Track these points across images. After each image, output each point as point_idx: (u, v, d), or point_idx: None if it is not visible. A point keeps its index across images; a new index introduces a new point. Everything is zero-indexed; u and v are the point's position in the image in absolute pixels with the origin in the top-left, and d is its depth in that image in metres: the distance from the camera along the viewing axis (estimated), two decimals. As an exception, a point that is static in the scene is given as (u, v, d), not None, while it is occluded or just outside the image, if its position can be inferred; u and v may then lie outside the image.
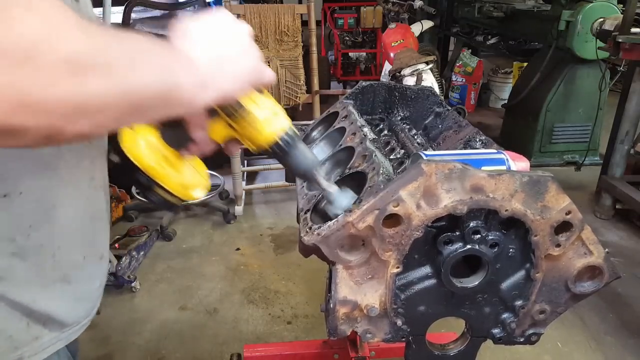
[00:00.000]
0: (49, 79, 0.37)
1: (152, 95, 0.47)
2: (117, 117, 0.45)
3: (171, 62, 0.51)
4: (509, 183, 0.80)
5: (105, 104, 0.42)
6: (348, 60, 6.28)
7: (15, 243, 0.59)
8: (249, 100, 0.67)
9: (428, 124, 1.37)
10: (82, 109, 0.41)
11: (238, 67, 0.60)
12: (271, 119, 0.69)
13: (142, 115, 0.49)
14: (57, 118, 0.40)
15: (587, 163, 3.88)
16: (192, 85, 0.53)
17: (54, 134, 0.41)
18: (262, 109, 0.68)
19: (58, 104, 0.39)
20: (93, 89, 0.41)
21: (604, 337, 2.22)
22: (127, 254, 2.54)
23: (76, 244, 0.67)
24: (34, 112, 0.38)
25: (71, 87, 0.39)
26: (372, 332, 0.94)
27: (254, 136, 0.69)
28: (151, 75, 0.47)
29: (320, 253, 0.83)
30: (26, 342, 0.63)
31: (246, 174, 3.67)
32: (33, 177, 0.59)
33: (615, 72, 3.58)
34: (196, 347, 2.16)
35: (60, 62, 0.38)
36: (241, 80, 0.61)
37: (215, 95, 0.57)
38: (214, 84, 0.56)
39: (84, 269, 0.70)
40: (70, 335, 0.68)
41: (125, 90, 0.44)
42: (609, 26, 3.15)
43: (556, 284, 0.91)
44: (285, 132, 0.71)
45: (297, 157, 0.74)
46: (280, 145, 0.71)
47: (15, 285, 0.60)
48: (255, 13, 3.21)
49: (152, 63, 0.48)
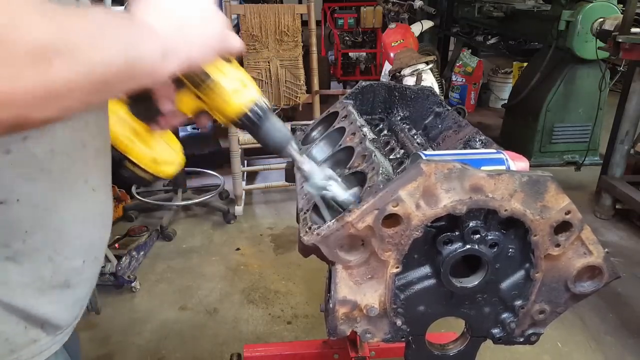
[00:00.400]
0: (12, 71, 0.36)
1: (117, 70, 0.46)
2: (84, 98, 0.44)
3: (132, 33, 0.50)
4: (509, 183, 0.80)
5: (71, 88, 0.41)
6: (348, 60, 6.28)
7: (10, 248, 0.58)
8: (216, 70, 0.65)
9: (428, 124, 1.37)
10: (48, 96, 0.40)
11: (202, 33, 0.59)
12: (240, 90, 0.67)
13: (108, 92, 0.48)
14: (23, 108, 0.39)
15: (587, 163, 3.88)
16: (155, 55, 0.51)
17: (21, 123, 0.40)
18: (230, 79, 0.66)
19: (24, 95, 0.38)
20: (58, 75, 0.40)
21: (604, 337, 2.22)
22: (127, 254, 2.54)
23: (75, 248, 0.66)
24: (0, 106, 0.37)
25: (36, 77, 0.38)
26: (372, 332, 0.94)
27: (223, 107, 0.67)
28: (114, 51, 0.46)
29: (319, 253, 0.83)
30: (23, 345, 0.62)
31: (246, 174, 3.67)
32: (27, 183, 0.58)
33: (615, 72, 3.58)
34: (196, 347, 2.16)
35: (22, 53, 0.37)
36: (206, 46, 0.59)
37: (180, 63, 0.56)
38: (178, 52, 0.55)
39: (83, 273, 0.69)
40: (63, 337, 0.68)
41: (90, 70, 0.43)
42: (609, 26, 3.15)
43: (556, 284, 0.91)
44: (254, 103, 0.68)
45: (268, 130, 0.72)
46: (249, 117, 0.69)
47: (11, 289, 0.59)
48: (255, 13, 3.21)
49: (114, 37, 0.46)
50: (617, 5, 3.57)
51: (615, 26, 3.03)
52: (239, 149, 3.20)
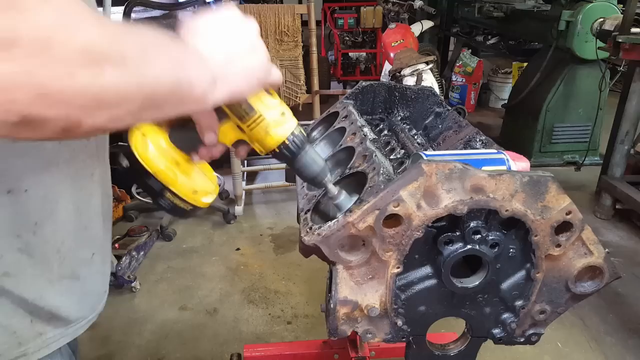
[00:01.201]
0: (65, 69, 0.37)
1: (166, 89, 0.47)
2: (133, 110, 0.45)
3: (183, 56, 0.51)
4: (509, 183, 0.80)
5: (121, 96, 0.43)
6: (348, 60, 6.28)
7: (21, 239, 0.59)
8: (258, 101, 0.66)
9: (428, 124, 1.37)
10: (99, 101, 0.41)
11: (247, 64, 0.60)
12: (280, 121, 0.68)
13: (155, 110, 0.49)
14: (75, 109, 0.40)
15: (587, 163, 3.88)
16: (204, 81, 0.53)
17: (72, 126, 0.41)
18: (271, 111, 0.67)
19: (75, 95, 0.39)
20: (109, 81, 0.41)
21: (604, 337, 2.22)
22: (127, 254, 2.54)
23: (83, 241, 0.68)
24: (52, 103, 0.38)
25: (88, 78, 0.39)
26: (373, 332, 0.93)
27: (263, 138, 0.69)
28: (164, 69, 0.47)
29: (320, 253, 0.83)
30: (30, 339, 0.63)
31: (246, 174, 3.67)
32: (35, 173, 0.59)
33: (615, 72, 3.58)
34: (196, 347, 2.16)
35: (76, 53, 0.38)
36: (251, 77, 0.61)
37: (226, 92, 0.57)
38: (225, 81, 0.56)
39: (92, 266, 0.70)
40: (76, 330, 0.69)
41: (140, 82, 0.44)
42: (609, 26, 3.15)
43: (556, 284, 0.91)
44: (292, 133, 0.70)
45: (305, 160, 0.73)
46: (289, 148, 0.70)
47: (22, 281, 0.61)
48: (255, 13, 3.21)
49: (165, 56, 0.48)
50: (617, 5, 3.57)
51: (615, 26, 3.03)
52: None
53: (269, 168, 3.57)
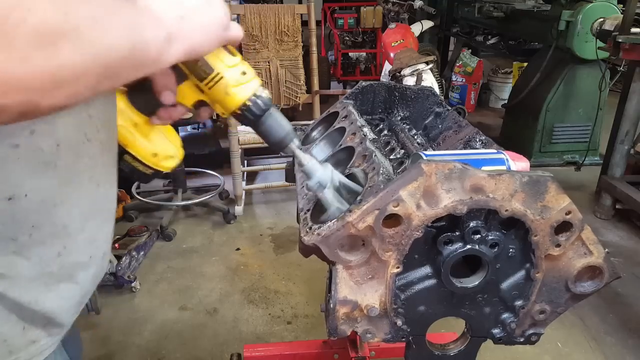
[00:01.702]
0: (20, 53, 0.36)
1: (122, 55, 0.46)
2: (91, 83, 0.43)
3: (136, 18, 0.49)
4: (509, 183, 0.80)
5: (78, 72, 0.41)
6: (348, 60, 6.28)
7: (17, 242, 0.58)
8: (216, 59, 0.64)
9: (428, 124, 1.37)
10: (57, 81, 0.40)
11: (203, 19, 0.58)
12: (240, 80, 0.65)
13: (114, 78, 0.47)
14: (33, 93, 0.39)
15: (587, 163, 3.88)
16: (160, 41, 0.51)
17: (30, 110, 0.40)
18: (232, 70, 0.65)
19: (33, 78, 0.38)
20: (65, 58, 0.39)
21: (604, 337, 2.22)
22: (127, 254, 2.54)
23: (81, 244, 0.67)
24: (9, 90, 0.37)
25: (44, 60, 0.38)
26: (372, 332, 0.94)
27: (223, 99, 0.66)
28: (119, 35, 0.45)
29: (320, 253, 0.83)
30: (22, 347, 0.62)
31: (246, 174, 3.67)
32: (35, 177, 0.58)
33: (615, 72, 3.57)
34: (196, 347, 2.16)
35: (30, 35, 0.36)
36: (208, 33, 0.59)
37: (182, 50, 0.55)
38: (180, 38, 0.54)
39: (89, 269, 0.69)
40: (62, 335, 0.68)
41: (96, 53, 0.42)
42: (609, 26, 3.15)
43: (556, 284, 0.91)
44: (255, 94, 0.67)
45: (270, 124, 0.70)
46: (250, 109, 0.67)
47: (17, 283, 0.59)
48: (255, 13, 3.21)
49: (118, 22, 0.46)
50: (617, 5, 3.57)
51: (615, 26, 3.03)
52: (239, 149, 3.20)
53: (269, 168, 3.57)
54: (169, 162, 0.70)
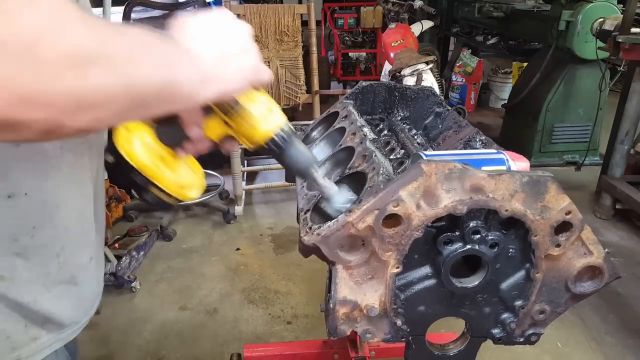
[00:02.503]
0: (50, 72, 0.37)
1: (154, 89, 0.47)
2: (118, 111, 0.44)
3: (173, 56, 0.51)
4: (509, 183, 0.80)
5: (106, 98, 0.42)
6: (348, 60, 6.28)
7: (18, 243, 0.59)
8: (245, 97, 0.66)
9: (428, 124, 1.37)
10: (83, 103, 0.40)
11: (238, 64, 0.60)
12: (267, 116, 0.68)
13: (142, 110, 0.48)
14: (58, 112, 0.39)
15: (587, 163, 3.88)
16: (194, 81, 0.52)
17: (54, 129, 0.40)
18: (258, 106, 0.67)
19: (59, 98, 0.38)
20: (94, 83, 0.40)
21: (604, 337, 2.22)
22: (127, 254, 2.54)
23: (80, 245, 0.67)
24: (35, 106, 0.37)
25: (72, 81, 0.38)
26: (372, 332, 0.93)
27: (250, 133, 0.69)
28: (153, 69, 0.46)
29: (320, 253, 0.83)
30: (24, 343, 0.62)
31: (246, 174, 3.67)
32: (36, 177, 0.59)
33: (615, 72, 3.58)
34: (196, 347, 2.16)
35: (61, 55, 0.37)
36: (240, 78, 0.61)
37: (216, 92, 0.56)
38: (215, 81, 0.56)
39: (89, 270, 0.70)
40: (69, 335, 0.68)
41: (127, 83, 0.43)
42: (609, 26, 3.15)
43: (556, 284, 0.91)
44: (280, 128, 0.70)
45: (293, 154, 0.73)
46: (276, 142, 0.70)
47: (16, 284, 0.60)
48: (255, 13, 3.21)
49: (154, 56, 0.47)
50: (617, 5, 3.57)
51: (615, 26, 3.03)
52: (239, 149, 3.20)
53: (269, 168, 3.57)
54: (192, 192, 0.72)
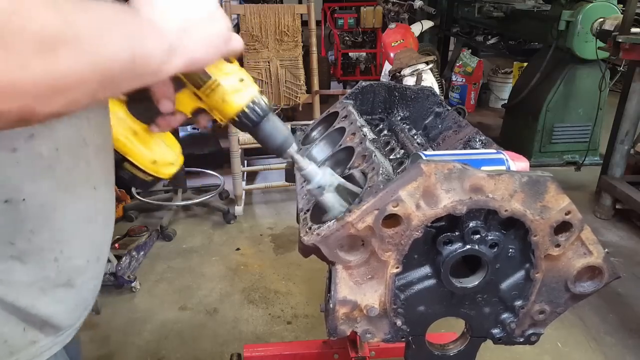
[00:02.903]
0: (19, 59, 0.36)
1: (122, 64, 0.46)
2: (90, 92, 0.43)
3: (138, 29, 0.50)
4: (509, 183, 0.80)
5: (77, 80, 0.41)
6: (348, 60, 6.28)
7: (15, 247, 0.58)
8: (216, 69, 0.64)
9: (428, 124, 1.37)
10: (55, 88, 0.39)
11: (206, 33, 0.58)
12: (238, 88, 0.66)
13: (113, 88, 0.47)
14: (30, 99, 0.38)
15: (587, 163, 3.88)
16: (161, 53, 0.51)
17: (27, 116, 0.39)
18: (229, 78, 0.65)
19: (31, 85, 0.37)
20: (65, 66, 0.39)
21: (604, 337, 2.22)
22: (127, 254, 2.54)
23: (78, 248, 0.66)
24: (6, 96, 0.36)
25: (43, 66, 0.37)
26: (372, 332, 0.94)
27: (221, 106, 0.66)
28: (120, 44, 0.45)
29: (319, 253, 0.83)
30: (22, 347, 0.62)
31: (246, 174, 3.67)
32: (33, 182, 0.58)
33: (615, 72, 3.57)
34: (196, 347, 2.16)
35: (29, 41, 0.36)
36: (209, 47, 0.59)
37: (184, 62, 0.55)
38: (182, 51, 0.54)
39: (86, 273, 0.69)
40: (65, 338, 0.68)
41: (96, 62, 0.42)
42: (609, 26, 3.15)
43: (556, 284, 0.91)
44: (252, 101, 0.67)
45: (268, 130, 0.70)
46: (248, 116, 0.67)
47: (14, 288, 0.59)
48: (255, 13, 3.21)
49: (120, 31, 0.46)
50: (617, 5, 3.57)
51: (615, 26, 3.03)
52: (239, 149, 3.20)
53: (269, 168, 3.57)
54: (168, 168, 0.70)
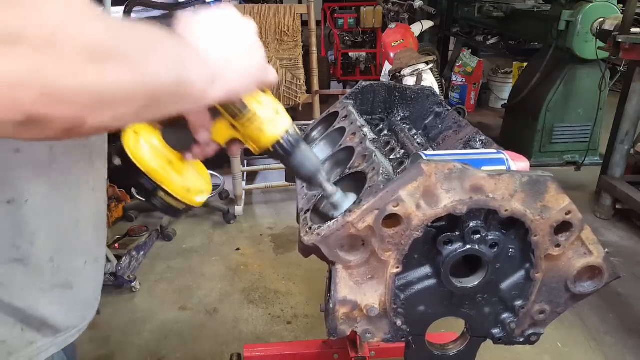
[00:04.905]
0: (70, 66, 0.37)
1: (167, 86, 0.47)
2: (136, 109, 0.44)
3: (183, 54, 0.51)
4: (509, 183, 0.80)
5: (125, 94, 0.42)
6: (348, 60, 6.28)
7: (19, 250, 0.58)
8: (252, 100, 0.66)
9: (428, 124, 1.37)
10: (103, 100, 0.40)
11: (245, 64, 0.60)
12: (274, 119, 0.68)
13: (157, 109, 0.48)
14: (80, 108, 0.39)
15: (587, 163, 3.87)
16: (203, 79, 0.52)
17: (76, 126, 0.40)
18: (265, 109, 0.67)
19: (80, 93, 0.38)
20: (113, 79, 0.40)
21: (604, 337, 2.22)
22: (127, 254, 2.54)
23: (76, 249, 0.66)
24: (57, 102, 0.37)
25: (93, 77, 0.39)
26: (372, 332, 0.93)
27: (257, 137, 0.68)
28: (166, 66, 0.46)
29: (320, 253, 0.83)
30: (20, 348, 0.62)
31: (246, 174, 3.67)
32: (36, 183, 0.58)
33: (615, 72, 3.57)
34: (196, 347, 2.16)
35: (81, 50, 0.37)
36: (248, 77, 0.60)
37: (223, 92, 0.56)
38: (222, 80, 0.55)
39: (83, 274, 0.69)
40: (66, 339, 0.68)
41: (142, 80, 0.43)
42: (609, 26, 3.15)
43: (556, 284, 0.91)
44: (287, 131, 0.69)
45: (300, 158, 0.73)
46: (282, 146, 0.70)
47: (14, 289, 0.59)
48: (255, 13, 3.21)
49: (167, 53, 0.47)
50: (617, 5, 3.57)
51: (615, 26, 3.03)
52: (239, 149, 3.19)
53: (269, 168, 3.57)
54: (200, 197, 0.71)
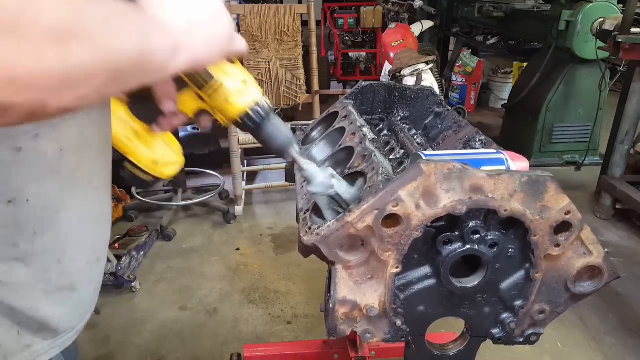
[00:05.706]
0: (34, 50, 0.36)
1: (130, 60, 0.46)
2: (99, 87, 0.43)
3: (145, 25, 0.50)
4: (509, 183, 0.80)
5: (88, 74, 0.41)
6: (348, 60, 6.28)
7: (18, 248, 0.58)
8: (218, 70, 0.64)
9: (428, 124, 1.37)
10: (67, 81, 0.39)
11: (209, 32, 0.58)
12: (241, 89, 0.66)
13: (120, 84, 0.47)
14: (43, 92, 0.38)
15: (587, 163, 3.87)
16: (166, 50, 0.51)
17: (38, 110, 0.39)
18: (232, 79, 0.65)
19: (44, 77, 0.37)
20: (77, 59, 0.39)
21: (604, 337, 2.22)
22: (127, 254, 2.54)
23: (80, 249, 0.66)
24: (20, 87, 0.36)
25: (56, 58, 0.37)
26: (372, 332, 0.94)
27: (224, 107, 0.67)
28: (128, 40, 0.45)
29: (319, 253, 0.83)
30: (16, 351, 0.61)
31: (246, 174, 3.67)
32: (37, 183, 0.57)
33: (615, 72, 3.57)
34: (196, 347, 2.16)
35: (44, 33, 0.36)
36: (213, 46, 0.59)
37: (187, 61, 0.55)
38: (186, 49, 0.54)
39: (86, 274, 0.69)
40: (65, 341, 0.67)
41: (106, 57, 0.42)
42: (609, 26, 3.15)
43: (556, 284, 0.91)
44: (256, 102, 0.68)
45: (270, 131, 0.71)
46: (251, 117, 0.68)
47: (14, 290, 0.59)
48: (255, 13, 3.21)
49: (127, 27, 0.46)
50: (617, 5, 3.57)
51: (615, 26, 3.03)
52: (239, 149, 3.20)
53: (269, 168, 3.57)
54: (169, 169, 0.71)
